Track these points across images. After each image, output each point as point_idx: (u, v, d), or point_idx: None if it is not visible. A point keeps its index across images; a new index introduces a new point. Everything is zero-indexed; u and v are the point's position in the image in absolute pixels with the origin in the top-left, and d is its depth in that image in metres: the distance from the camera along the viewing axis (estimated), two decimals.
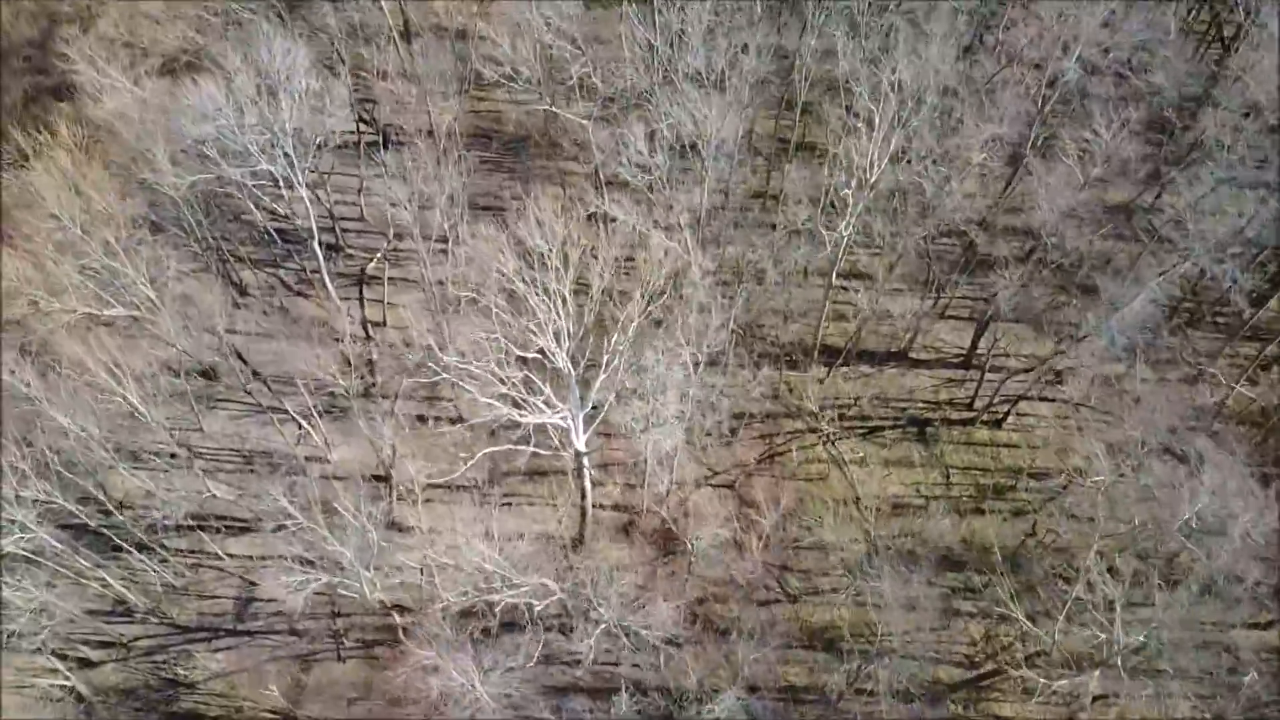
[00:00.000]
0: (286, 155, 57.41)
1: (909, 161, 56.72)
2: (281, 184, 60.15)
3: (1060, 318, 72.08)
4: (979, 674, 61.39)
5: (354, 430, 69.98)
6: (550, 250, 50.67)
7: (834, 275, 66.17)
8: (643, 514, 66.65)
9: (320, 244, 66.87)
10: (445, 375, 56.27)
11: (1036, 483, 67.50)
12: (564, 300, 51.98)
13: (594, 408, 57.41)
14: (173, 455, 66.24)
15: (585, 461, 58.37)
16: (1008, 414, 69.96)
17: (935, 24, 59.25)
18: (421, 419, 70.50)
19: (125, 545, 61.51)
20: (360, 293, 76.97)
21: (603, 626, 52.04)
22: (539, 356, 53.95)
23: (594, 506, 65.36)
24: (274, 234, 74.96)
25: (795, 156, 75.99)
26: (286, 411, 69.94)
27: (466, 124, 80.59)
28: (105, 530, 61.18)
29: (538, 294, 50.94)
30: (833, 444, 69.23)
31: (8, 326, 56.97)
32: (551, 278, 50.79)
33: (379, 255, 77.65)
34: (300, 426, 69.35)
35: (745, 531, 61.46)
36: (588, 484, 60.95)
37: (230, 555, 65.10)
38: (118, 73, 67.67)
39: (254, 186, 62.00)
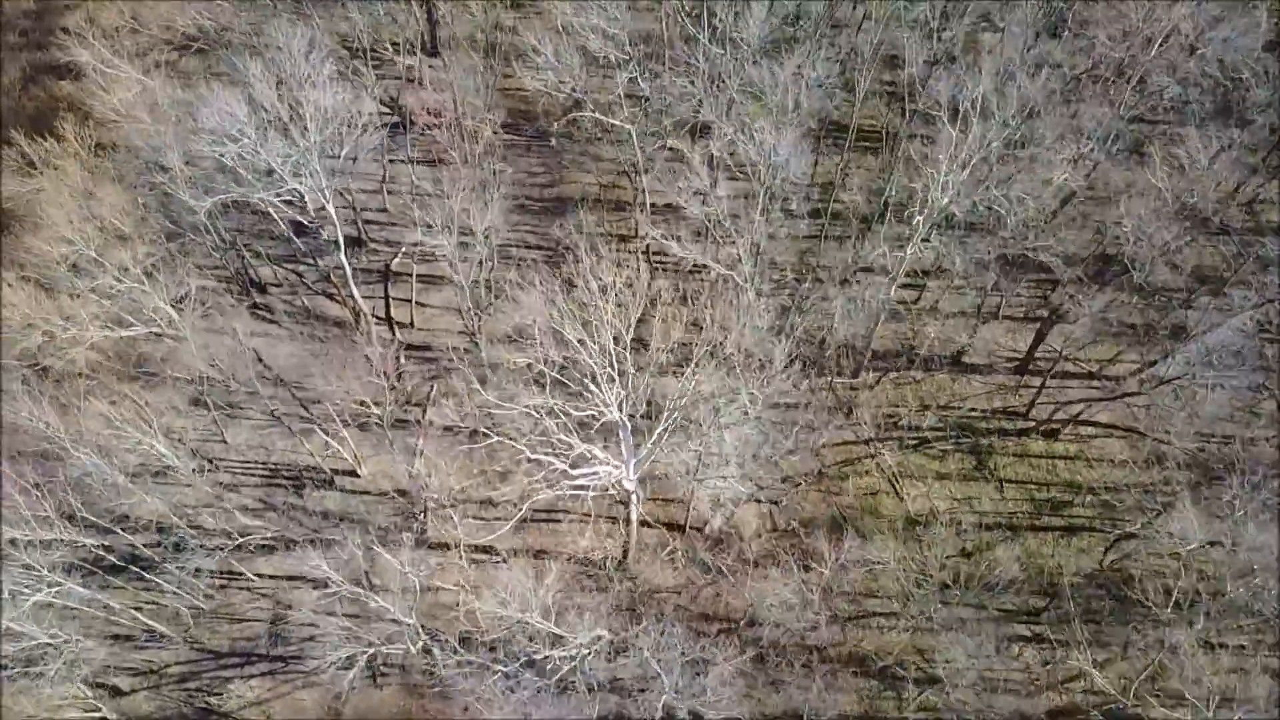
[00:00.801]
0: (314, 174, 53.40)
1: (987, 188, 52.60)
2: (307, 199, 56.24)
3: (1132, 322, 68.55)
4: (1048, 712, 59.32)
5: (382, 439, 67.48)
6: (603, 300, 46.99)
7: (892, 290, 62.46)
8: (685, 532, 64.27)
9: (342, 240, 63.05)
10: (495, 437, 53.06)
11: (1096, 496, 64.97)
12: (621, 352, 48.54)
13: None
14: (197, 470, 63.76)
15: (635, 499, 55.50)
16: (1066, 425, 66.99)
17: (1008, 31, 54.53)
18: (452, 430, 67.61)
19: (152, 570, 59.36)
20: (385, 290, 73.49)
21: (665, 698, 49.52)
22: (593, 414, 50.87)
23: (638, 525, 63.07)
24: (293, 233, 71.22)
25: (857, 167, 71.86)
26: (313, 422, 67.25)
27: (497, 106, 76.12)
28: (131, 556, 59.06)
29: (591, 356, 47.45)
30: (883, 455, 66.41)
31: (21, 356, 53.64)
32: (607, 332, 47.17)
33: (403, 250, 74.01)
34: (328, 439, 66.70)
35: (804, 572, 58.47)
36: (635, 516, 58.31)
37: (259, 575, 62.95)
38: (125, 63, 63.29)
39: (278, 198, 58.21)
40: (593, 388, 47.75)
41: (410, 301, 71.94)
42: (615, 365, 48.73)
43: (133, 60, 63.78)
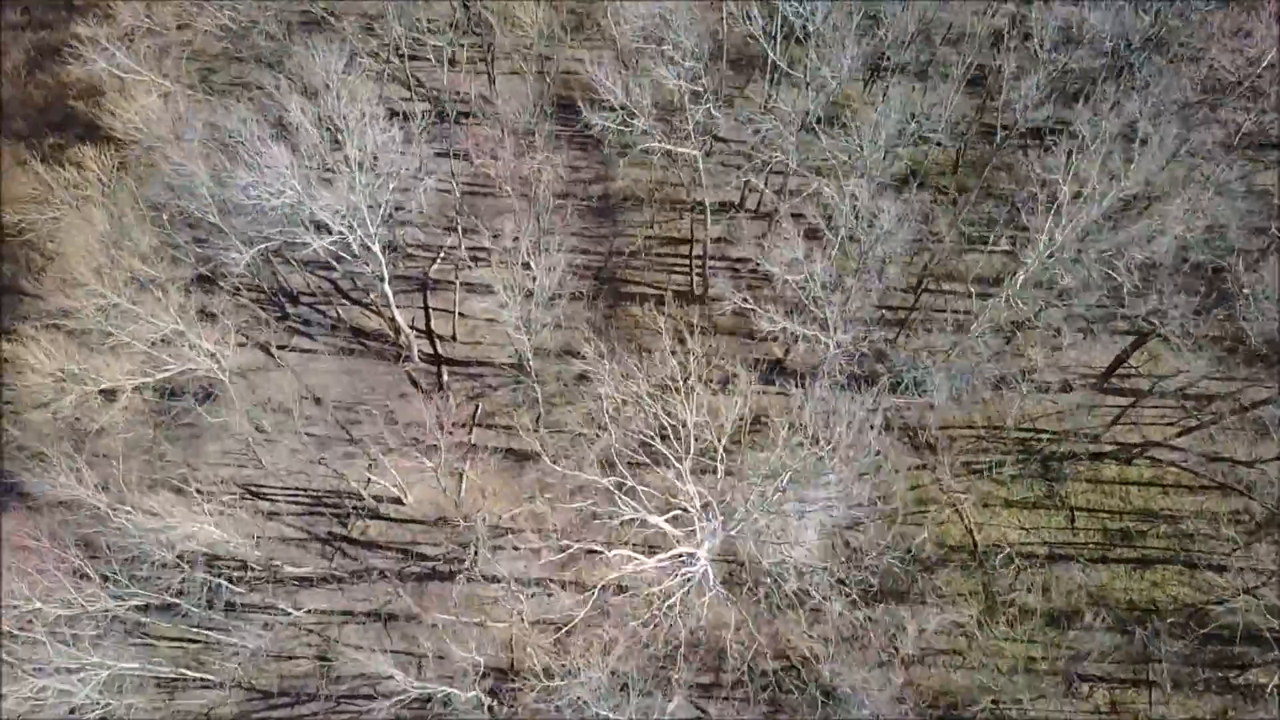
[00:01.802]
0: (364, 224, 49.24)
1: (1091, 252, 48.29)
2: (353, 241, 52.08)
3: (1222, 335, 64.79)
4: None
5: (422, 461, 64.75)
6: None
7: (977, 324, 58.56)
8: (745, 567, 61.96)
9: (387, 274, 59.20)
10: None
11: (1173, 526, 62.47)
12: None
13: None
14: (233, 500, 61.41)
15: (709, 571, 52.44)
16: (1142, 450, 64.01)
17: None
18: (501, 451, 64.81)
19: (197, 611, 57.39)
20: (424, 300, 69.67)
21: None
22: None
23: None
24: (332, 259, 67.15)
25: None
26: (355, 445, 64.54)
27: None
28: (175, 601, 57.01)
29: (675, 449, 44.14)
30: (954, 490, 63.46)
31: (54, 413, 50.41)
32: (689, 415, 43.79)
33: (441, 255, 70.01)
34: (370, 465, 64.08)
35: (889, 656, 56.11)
36: (709, 592, 55.28)
37: (306, 611, 60.98)
38: (144, 68, 58.40)
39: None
40: (675, 482, 44.69)
41: (452, 313, 68.32)
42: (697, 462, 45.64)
43: (152, 63, 58.93)
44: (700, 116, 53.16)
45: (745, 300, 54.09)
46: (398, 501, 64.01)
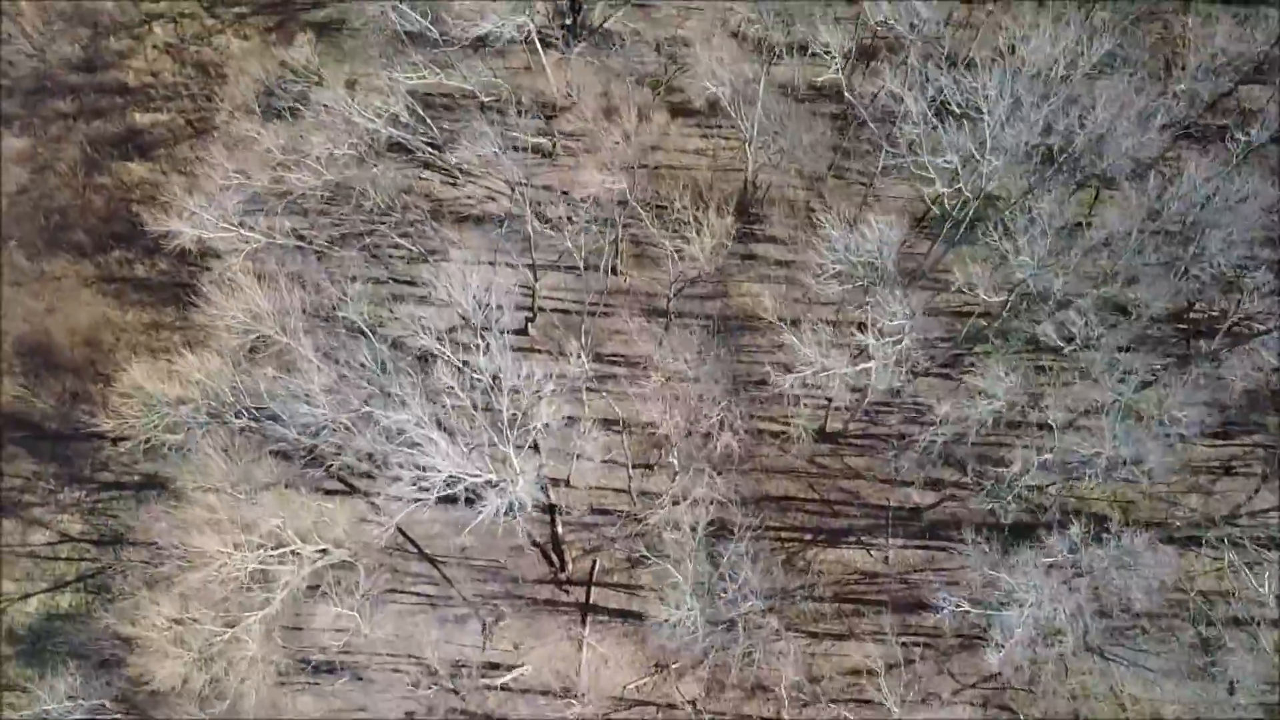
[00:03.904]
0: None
1: None
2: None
3: None
4: None
5: (540, 623, 60.84)
6: None
7: None
8: None
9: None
10: None
11: None
12: None
13: None
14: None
15: None
16: None
17: None
18: (626, 615, 60.68)
19: None
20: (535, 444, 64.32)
21: None
22: None
23: None
24: None
25: None
26: (468, 606, 60.29)
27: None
28: None
29: None
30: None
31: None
32: None
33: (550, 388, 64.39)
34: (484, 627, 60.08)
35: None
36: None
37: None
38: (230, 227, 51.89)
39: None
40: None
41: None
42: None
43: (238, 221, 52.52)
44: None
45: None
46: (515, 667, 60.24)
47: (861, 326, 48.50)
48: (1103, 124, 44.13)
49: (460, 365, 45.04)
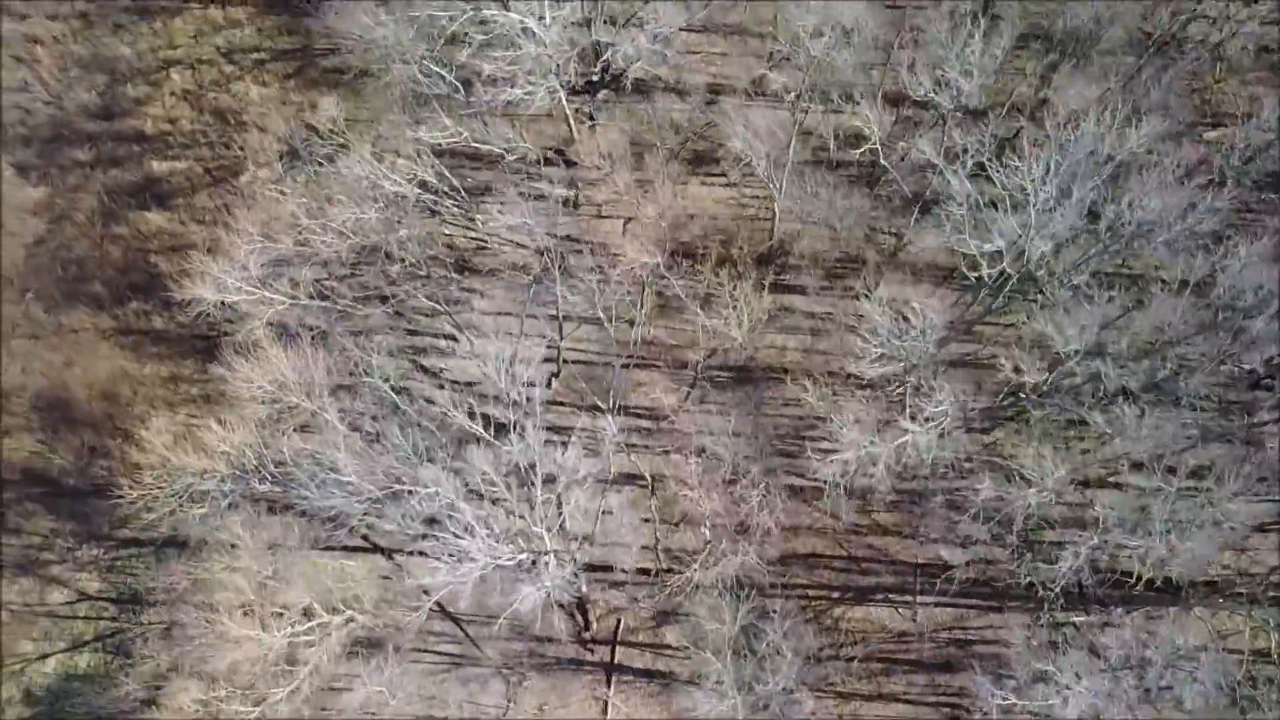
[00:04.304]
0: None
1: None
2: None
3: None
4: None
5: (564, 683, 60.04)
6: None
7: None
8: None
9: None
10: None
11: None
12: None
13: None
14: None
15: None
16: None
17: None
18: (651, 675, 59.88)
19: None
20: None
21: None
22: None
23: None
24: None
25: None
26: (492, 666, 59.49)
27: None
28: None
29: None
30: None
31: None
32: None
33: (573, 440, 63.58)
34: (508, 687, 59.28)
35: None
36: None
37: None
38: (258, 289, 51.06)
39: None
40: None
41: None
42: None
43: (261, 282, 51.72)
44: None
45: None
46: None
47: (901, 404, 47.81)
48: (1152, 212, 43.35)
49: (492, 440, 44.25)
